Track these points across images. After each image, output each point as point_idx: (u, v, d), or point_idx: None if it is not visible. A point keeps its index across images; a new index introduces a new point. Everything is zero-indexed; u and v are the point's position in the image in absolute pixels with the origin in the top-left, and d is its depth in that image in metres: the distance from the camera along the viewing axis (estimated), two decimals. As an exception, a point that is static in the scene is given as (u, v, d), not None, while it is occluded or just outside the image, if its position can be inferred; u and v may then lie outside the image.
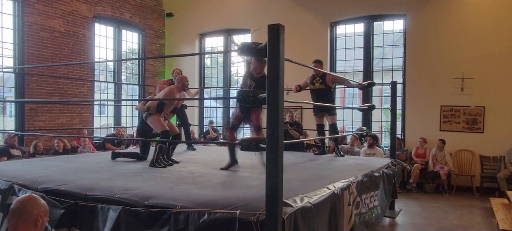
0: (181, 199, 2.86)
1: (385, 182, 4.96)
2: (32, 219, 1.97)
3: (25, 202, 2.02)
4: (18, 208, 1.99)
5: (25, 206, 1.99)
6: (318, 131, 6.26)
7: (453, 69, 7.84)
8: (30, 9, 7.89)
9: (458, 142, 7.90)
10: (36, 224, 1.99)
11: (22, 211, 1.98)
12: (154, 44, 10.83)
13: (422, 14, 8.21)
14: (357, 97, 9.60)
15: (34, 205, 2.01)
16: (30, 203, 2.02)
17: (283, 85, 2.49)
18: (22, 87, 7.85)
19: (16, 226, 1.96)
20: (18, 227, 1.96)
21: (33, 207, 2.00)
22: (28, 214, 1.97)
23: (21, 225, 1.96)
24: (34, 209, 1.99)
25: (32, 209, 1.99)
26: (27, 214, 1.97)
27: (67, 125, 8.51)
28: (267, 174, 2.47)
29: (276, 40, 2.46)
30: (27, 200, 2.04)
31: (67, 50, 8.56)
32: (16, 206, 2.00)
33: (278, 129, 2.45)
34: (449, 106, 7.97)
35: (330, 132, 6.08)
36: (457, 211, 6.33)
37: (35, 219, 1.98)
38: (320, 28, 9.17)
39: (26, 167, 4.41)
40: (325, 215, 3.10)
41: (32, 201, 2.03)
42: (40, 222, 2.00)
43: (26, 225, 1.97)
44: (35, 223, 1.98)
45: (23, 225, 1.96)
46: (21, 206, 1.99)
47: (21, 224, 1.96)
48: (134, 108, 5.09)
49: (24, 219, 1.97)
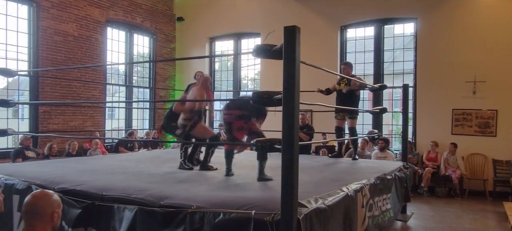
0: (196, 200, 2.90)
1: (398, 185, 4.94)
2: (48, 215, 2.00)
3: (39, 200, 2.02)
4: (32, 207, 2.00)
5: (40, 204, 2.00)
6: (336, 134, 6.23)
7: (464, 72, 7.79)
8: (44, 14, 8.04)
9: (470, 146, 7.83)
10: (53, 219, 2.02)
11: (37, 209, 1.99)
12: (165, 48, 10.94)
13: (433, 17, 8.18)
14: (367, 100, 9.58)
15: (48, 201, 2.03)
16: (44, 200, 2.03)
17: (299, 86, 2.51)
18: (36, 90, 7.98)
19: (33, 225, 1.98)
20: (36, 225, 1.98)
21: (48, 204, 2.02)
22: (43, 211, 1.99)
23: (38, 223, 1.98)
24: (49, 207, 2.01)
25: (47, 206, 2.01)
26: (43, 211, 1.99)
27: (80, 127, 8.63)
28: (283, 175, 2.49)
29: (292, 41, 2.49)
30: (40, 198, 2.04)
31: (80, 54, 8.68)
32: (31, 205, 2.01)
33: (294, 130, 2.47)
34: (461, 110, 7.91)
35: (349, 135, 6.07)
36: (470, 215, 6.27)
37: (51, 214, 2.01)
38: (330, 31, 9.18)
39: (42, 168, 4.48)
40: (339, 217, 3.11)
41: (45, 198, 2.04)
42: (56, 216, 2.03)
43: (43, 223, 1.99)
44: (51, 218, 2.01)
45: (40, 223, 1.98)
46: (36, 204, 2.00)
47: (37, 223, 1.98)
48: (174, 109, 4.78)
49: (41, 217, 1.98)
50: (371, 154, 7.72)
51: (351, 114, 5.90)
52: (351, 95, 5.82)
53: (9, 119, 8.07)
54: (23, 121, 9.46)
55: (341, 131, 6.15)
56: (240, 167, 4.77)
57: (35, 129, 7.88)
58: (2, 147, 7.60)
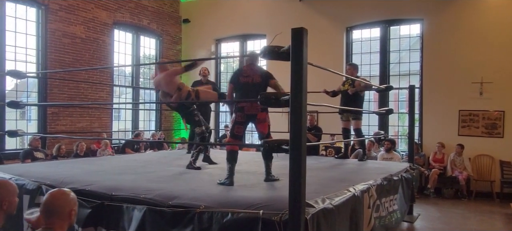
0: (204, 199, 2.93)
1: (404, 187, 4.93)
2: (66, 213, 2.05)
3: (57, 199, 2.07)
4: (51, 205, 2.05)
5: (58, 203, 2.06)
6: (343, 135, 6.24)
7: (471, 73, 7.76)
8: (53, 17, 8.13)
9: (477, 147, 7.80)
10: (70, 217, 2.07)
11: (55, 207, 2.04)
12: (171, 49, 11.01)
13: (439, 18, 8.16)
14: (372, 102, 9.57)
15: (66, 200, 2.08)
16: (62, 199, 2.08)
17: (307, 87, 2.53)
18: (44, 92, 8.06)
19: (52, 222, 2.03)
20: (54, 223, 2.03)
21: (66, 203, 2.07)
22: (61, 209, 2.04)
23: (56, 221, 2.03)
24: (67, 205, 2.07)
25: (64, 205, 2.06)
26: (60, 210, 2.04)
27: (87, 128, 8.71)
28: (290, 175, 2.51)
29: (299, 43, 2.51)
30: (58, 197, 2.09)
31: (87, 56, 8.77)
32: (49, 204, 2.06)
33: (301, 130, 2.49)
34: (467, 111, 7.88)
35: (355, 136, 6.08)
36: (477, 216, 6.25)
37: (69, 212, 2.06)
38: (336, 33, 9.19)
39: (52, 168, 4.54)
40: (346, 217, 3.12)
41: (63, 197, 2.09)
42: (73, 214, 2.09)
43: (61, 221, 2.04)
44: (69, 216, 2.06)
45: (59, 221, 2.04)
46: (54, 203, 2.06)
47: (56, 220, 2.03)
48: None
49: (59, 215, 2.04)
50: (377, 155, 7.72)
51: (355, 115, 5.91)
52: (355, 96, 5.83)
53: (18, 120, 8.17)
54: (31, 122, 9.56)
55: (347, 132, 6.15)
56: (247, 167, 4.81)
57: (43, 130, 7.96)
58: (11, 148, 7.70)
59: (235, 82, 3.86)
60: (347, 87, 5.88)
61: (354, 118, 5.93)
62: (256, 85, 3.72)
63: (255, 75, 3.81)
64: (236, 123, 3.77)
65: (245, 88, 3.78)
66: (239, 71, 3.94)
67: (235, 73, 3.95)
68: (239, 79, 3.82)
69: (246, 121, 3.80)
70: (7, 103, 5.20)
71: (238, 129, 3.79)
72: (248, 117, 3.77)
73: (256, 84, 3.73)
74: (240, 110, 3.74)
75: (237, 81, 3.84)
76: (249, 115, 3.76)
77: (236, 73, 3.92)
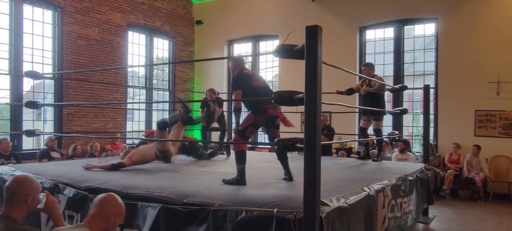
0: (218, 198, 2.94)
1: (419, 187, 4.87)
2: (109, 217, 2.12)
3: (107, 202, 2.16)
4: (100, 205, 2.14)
5: (106, 205, 2.15)
6: (359, 134, 6.20)
7: (488, 72, 7.62)
8: (68, 19, 8.27)
9: (495, 148, 7.65)
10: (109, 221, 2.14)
11: (103, 208, 2.13)
12: (183, 51, 11.09)
13: (454, 17, 8.04)
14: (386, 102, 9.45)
15: (114, 204, 2.18)
16: (111, 202, 2.17)
17: (321, 85, 2.52)
18: (60, 93, 8.20)
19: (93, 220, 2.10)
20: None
21: (112, 207, 2.15)
22: (106, 212, 2.12)
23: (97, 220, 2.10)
24: (113, 208, 2.16)
25: (110, 209, 2.14)
26: (105, 212, 2.12)
27: (101, 129, 8.83)
28: (305, 174, 2.50)
29: (314, 41, 2.50)
30: (108, 201, 2.17)
31: (102, 57, 8.89)
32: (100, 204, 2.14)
33: (316, 129, 2.48)
34: (484, 111, 7.74)
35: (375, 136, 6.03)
36: (494, 218, 6.13)
37: (114, 221, 2.14)
38: (349, 33, 9.13)
39: (68, 167, 4.61)
40: (360, 216, 3.10)
41: (112, 200, 2.18)
42: (112, 221, 2.14)
43: (103, 222, 2.11)
44: (106, 219, 2.12)
45: (99, 221, 2.10)
46: (103, 203, 2.15)
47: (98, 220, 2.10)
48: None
49: (102, 216, 2.11)
50: (392, 156, 7.64)
51: (375, 116, 5.86)
52: (374, 97, 5.77)
53: (34, 120, 8.33)
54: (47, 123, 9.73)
55: (364, 132, 6.11)
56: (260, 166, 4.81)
57: (59, 130, 8.10)
58: (28, 148, 7.85)
59: (247, 86, 3.77)
60: (365, 88, 5.84)
61: (375, 118, 5.89)
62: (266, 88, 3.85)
63: (260, 77, 4.00)
64: (251, 125, 3.70)
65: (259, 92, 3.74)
66: (248, 76, 3.89)
67: (243, 78, 3.85)
68: (253, 84, 3.79)
69: (264, 123, 3.77)
70: (25, 104, 5.31)
71: (251, 131, 3.75)
72: (270, 118, 3.74)
73: (265, 88, 3.86)
74: (264, 112, 3.69)
75: (250, 85, 3.77)
76: (271, 116, 3.73)
77: (246, 78, 3.85)
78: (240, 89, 3.76)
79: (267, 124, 3.79)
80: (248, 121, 3.71)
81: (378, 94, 5.80)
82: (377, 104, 5.72)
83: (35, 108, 5.84)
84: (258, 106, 3.68)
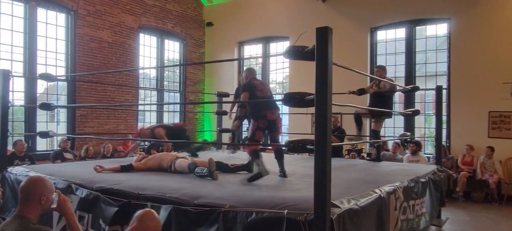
0: (229, 199, 2.94)
1: (432, 189, 4.81)
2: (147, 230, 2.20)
3: (147, 217, 2.23)
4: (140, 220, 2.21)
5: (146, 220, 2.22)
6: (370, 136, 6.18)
7: (502, 73, 7.50)
8: (81, 22, 8.39)
9: (509, 150, 7.52)
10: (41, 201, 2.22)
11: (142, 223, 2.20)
12: (194, 52, 11.15)
13: (467, 17, 7.94)
14: (397, 103, 9.38)
15: (152, 218, 2.25)
16: (150, 217, 2.25)
17: (332, 86, 2.51)
18: (73, 94, 8.32)
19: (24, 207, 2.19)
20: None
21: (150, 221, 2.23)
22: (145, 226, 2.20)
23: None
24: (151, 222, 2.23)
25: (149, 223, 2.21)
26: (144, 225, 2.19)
27: (113, 130, 8.92)
28: (315, 175, 2.49)
29: (324, 42, 2.50)
30: (148, 216, 2.25)
31: (114, 59, 8.99)
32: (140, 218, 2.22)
33: (326, 131, 2.48)
34: (498, 112, 7.61)
35: (372, 137, 6.01)
36: (509, 221, 6.03)
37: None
38: (360, 34, 9.08)
39: (81, 168, 4.67)
40: (372, 218, 3.07)
41: (151, 215, 2.26)
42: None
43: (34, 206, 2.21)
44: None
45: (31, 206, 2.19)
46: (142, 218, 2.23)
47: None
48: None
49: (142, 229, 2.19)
50: (403, 158, 7.56)
51: (375, 117, 5.83)
52: (380, 98, 5.74)
53: (48, 122, 8.46)
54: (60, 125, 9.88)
55: (376, 134, 6.07)
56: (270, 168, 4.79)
57: (72, 131, 8.21)
58: (42, 149, 7.97)
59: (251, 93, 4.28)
60: (375, 89, 5.81)
61: (375, 119, 5.87)
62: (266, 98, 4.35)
63: (265, 87, 4.49)
64: (257, 129, 4.18)
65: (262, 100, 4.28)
66: (255, 86, 4.37)
67: (250, 86, 4.36)
68: (256, 93, 4.28)
69: (267, 126, 4.23)
70: (39, 106, 5.39)
71: (259, 134, 4.21)
72: (270, 122, 4.20)
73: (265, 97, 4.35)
74: (263, 117, 4.18)
75: (254, 93, 4.28)
76: (270, 120, 4.20)
77: (252, 87, 4.35)
78: (248, 92, 4.33)
79: (268, 127, 4.26)
80: (253, 127, 4.24)
81: (385, 96, 5.77)
82: (383, 105, 5.70)
83: (49, 110, 5.93)
84: (258, 113, 4.21)
